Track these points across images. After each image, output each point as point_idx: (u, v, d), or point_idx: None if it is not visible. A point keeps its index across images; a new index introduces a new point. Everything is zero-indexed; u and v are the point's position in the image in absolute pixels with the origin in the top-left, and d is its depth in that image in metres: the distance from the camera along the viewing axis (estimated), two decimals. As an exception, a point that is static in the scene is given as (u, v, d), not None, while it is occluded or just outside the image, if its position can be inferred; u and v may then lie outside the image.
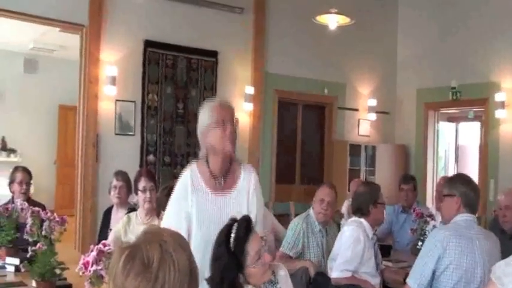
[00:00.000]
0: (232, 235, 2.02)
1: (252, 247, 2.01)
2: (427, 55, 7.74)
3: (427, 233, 3.88)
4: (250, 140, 6.73)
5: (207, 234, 2.23)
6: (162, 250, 1.15)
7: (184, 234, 2.24)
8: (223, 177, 2.35)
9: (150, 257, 1.14)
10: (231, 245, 2.01)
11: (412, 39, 8.01)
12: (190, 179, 2.33)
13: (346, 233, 3.28)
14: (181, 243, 1.21)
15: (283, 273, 2.22)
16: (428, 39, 7.74)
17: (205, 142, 2.32)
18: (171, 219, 2.34)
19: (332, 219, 3.88)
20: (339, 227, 3.88)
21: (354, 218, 3.39)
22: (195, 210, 2.30)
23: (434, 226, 3.82)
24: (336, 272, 3.23)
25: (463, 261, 2.54)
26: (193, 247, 2.20)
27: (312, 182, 6.89)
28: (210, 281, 2.02)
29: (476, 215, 2.81)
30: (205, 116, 2.32)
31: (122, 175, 4.10)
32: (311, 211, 3.68)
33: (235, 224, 2.05)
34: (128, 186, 4.06)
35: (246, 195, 2.36)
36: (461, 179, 2.77)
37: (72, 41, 6.60)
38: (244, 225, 2.04)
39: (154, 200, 3.46)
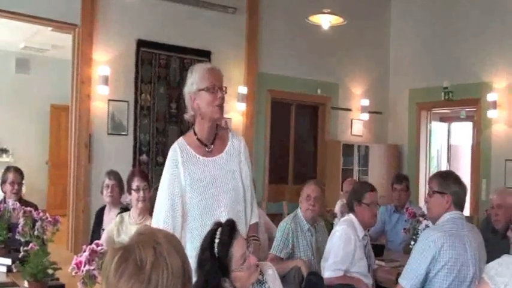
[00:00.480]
0: (216, 240, 2.01)
1: (236, 250, 2.00)
2: (419, 55, 7.78)
3: (419, 232, 3.90)
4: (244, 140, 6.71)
5: (203, 201, 2.28)
6: (155, 252, 1.14)
7: (179, 209, 2.30)
8: (211, 143, 2.39)
9: (143, 259, 1.13)
10: (215, 250, 2.00)
11: (405, 39, 8.04)
12: (179, 150, 2.36)
13: (337, 233, 3.31)
14: (175, 245, 1.20)
15: (271, 272, 2.22)
16: (421, 40, 7.78)
17: (193, 106, 2.34)
18: (164, 201, 2.36)
19: (320, 216, 3.89)
20: (332, 227, 3.89)
21: (346, 217, 3.43)
22: (189, 181, 2.33)
23: (426, 226, 3.84)
24: (328, 271, 3.25)
25: (457, 262, 2.56)
26: (191, 217, 2.23)
27: (305, 182, 6.89)
28: (195, 287, 2.01)
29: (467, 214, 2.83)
30: (195, 79, 2.33)
31: (114, 174, 4.10)
32: (299, 210, 3.69)
33: (219, 229, 2.04)
34: (120, 185, 4.06)
35: (237, 157, 2.41)
36: (453, 179, 2.78)
37: (64, 41, 6.58)
38: (228, 229, 2.04)
39: (148, 199, 3.46)
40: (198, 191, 2.32)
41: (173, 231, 2.19)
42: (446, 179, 2.76)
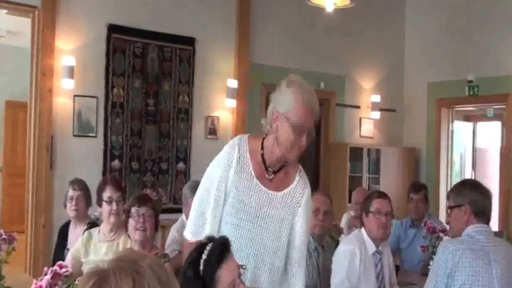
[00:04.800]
0: (203, 257, 1.98)
1: (225, 276, 1.97)
2: (439, 44, 7.82)
3: (440, 250, 3.92)
4: (234, 142, 6.72)
5: (237, 227, 2.31)
6: (134, 285, 1.14)
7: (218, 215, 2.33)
8: (274, 172, 2.38)
9: None
10: (200, 267, 1.98)
11: (422, 25, 8.08)
12: (237, 154, 2.33)
13: (340, 248, 3.33)
14: (160, 276, 1.18)
15: None
16: (441, 26, 7.81)
17: (273, 122, 2.32)
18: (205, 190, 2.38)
19: (327, 233, 3.90)
20: (337, 244, 3.89)
21: (355, 231, 3.45)
22: (232, 194, 2.33)
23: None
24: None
25: (478, 280, 2.58)
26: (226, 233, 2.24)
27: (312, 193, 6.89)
28: None
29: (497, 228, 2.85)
30: (288, 100, 2.29)
31: (79, 183, 4.08)
32: None
33: (209, 245, 2.01)
34: (86, 196, 4.04)
35: (293, 207, 2.39)
36: (469, 185, 2.81)
37: (21, 26, 6.55)
38: (220, 248, 2.01)
39: (122, 212, 3.44)
40: (236, 211, 2.33)
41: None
42: (461, 189, 2.80)
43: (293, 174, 2.44)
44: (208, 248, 2.01)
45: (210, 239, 2.06)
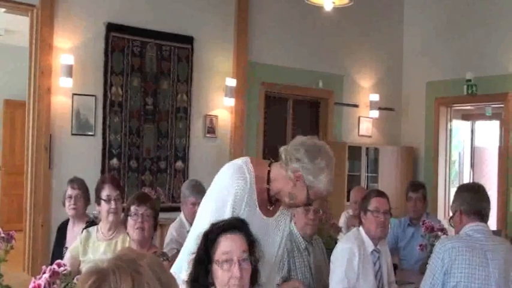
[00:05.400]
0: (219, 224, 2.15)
1: (225, 243, 2.09)
2: (438, 43, 7.82)
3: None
4: (232, 141, 6.73)
5: None
6: (133, 284, 1.14)
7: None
8: (273, 204, 2.46)
9: None
10: (209, 229, 2.14)
11: (421, 24, 8.08)
12: (248, 180, 2.34)
13: (338, 247, 3.33)
14: (160, 276, 1.18)
15: None
16: (439, 25, 7.82)
17: (292, 178, 2.34)
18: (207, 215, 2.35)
19: (323, 229, 3.92)
20: (335, 243, 3.90)
21: (353, 230, 3.47)
22: None
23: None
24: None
25: (474, 279, 2.60)
26: None
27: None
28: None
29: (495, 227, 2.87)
30: (317, 177, 2.35)
31: (77, 182, 4.08)
32: (293, 226, 3.68)
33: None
34: (85, 195, 4.04)
35: (281, 231, 2.51)
36: (459, 189, 2.87)
37: (20, 25, 6.55)
38: (233, 221, 2.17)
39: (121, 211, 3.45)
40: None
41: None
42: (455, 196, 2.87)
43: (279, 206, 2.53)
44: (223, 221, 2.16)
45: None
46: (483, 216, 2.76)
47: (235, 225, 2.15)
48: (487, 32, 7.21)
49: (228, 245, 2.08)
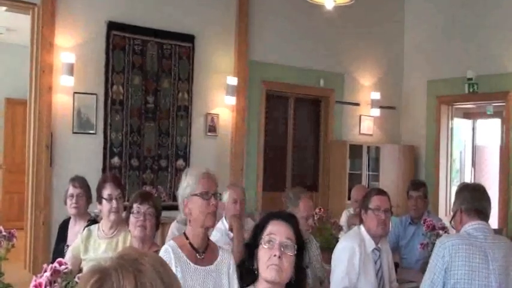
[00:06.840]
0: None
1: (269, 228, 2.20)
2: (439, 41, 7.82)
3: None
4: (233, 140, 6.73)
5: None
6: (136, 282, 1.14)
7: None
8: (203, 252, 2.59)
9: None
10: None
11: (422, 23, 8.08)
12: (171, 252, 2.51)
13: (339, 245, 3.33)
14: (163, 275, 1.18)
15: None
16: (440, 23, 7.81)
17: (186, 211, 2.58)
18: None
19: (323, 228, 3.93)
20: (336, 242, 3.90)
21: (354, 228, 3.46)
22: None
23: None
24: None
25: (474, 277, 2.60)
26: None
27: (306, 190, 6.89)
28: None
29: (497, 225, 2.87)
30: (188, 182, 2.57)
31: (79, 181, 4.08)
32: None
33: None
34: (87, 193, 4.04)
35: (227, 272, 2.61)
36: (459, 189, 2.87)
37: (21, 23, 6.54)
38: (273, 213, 2.29)
39: (122, 210, 3.45)
40: None
41: None
42: (455, 197, 2.88)
43: (215, 248, 2.68)
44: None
45: None
46: (484, 215, 2.76)
47: (285, 215, 2.29)
48: (488, 30, 7.20)
49: (274, 229, 2.19)
